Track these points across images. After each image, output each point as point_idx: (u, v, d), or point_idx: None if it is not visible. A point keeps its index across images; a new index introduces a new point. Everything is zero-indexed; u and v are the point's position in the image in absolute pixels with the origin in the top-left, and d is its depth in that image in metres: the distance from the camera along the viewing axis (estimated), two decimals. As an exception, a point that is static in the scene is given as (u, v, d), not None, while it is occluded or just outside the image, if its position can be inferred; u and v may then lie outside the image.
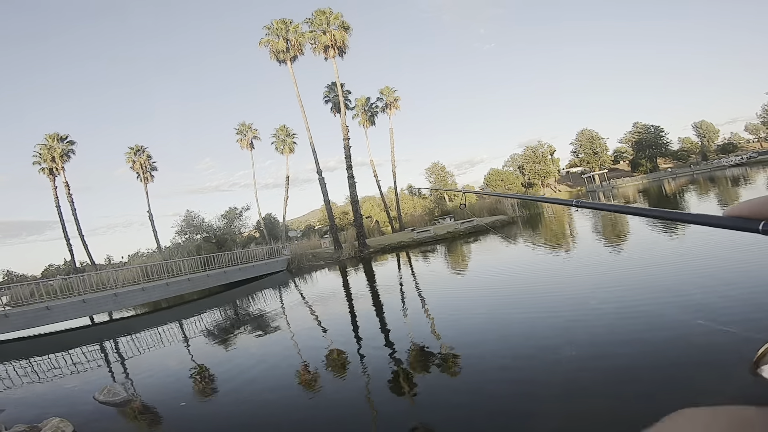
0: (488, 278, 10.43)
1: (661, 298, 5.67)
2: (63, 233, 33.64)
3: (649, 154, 67.19)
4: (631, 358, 4.06)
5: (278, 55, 26.87)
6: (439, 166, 63.44)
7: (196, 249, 25.27)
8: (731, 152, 64.82)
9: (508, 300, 7.51)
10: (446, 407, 3.86)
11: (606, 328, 5.02)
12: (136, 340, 10.62)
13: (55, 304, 14.09)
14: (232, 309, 13.61)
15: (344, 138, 26.67)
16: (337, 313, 9.65)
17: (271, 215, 47.83)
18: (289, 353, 6.80)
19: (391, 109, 38.15)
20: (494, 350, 5.09)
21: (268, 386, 5.22)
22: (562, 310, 6.14)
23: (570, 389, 3.73)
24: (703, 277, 6.36)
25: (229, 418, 4.45)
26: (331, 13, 25.82)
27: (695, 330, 4.39)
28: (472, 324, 6.44)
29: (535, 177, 69.44)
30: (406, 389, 4.45)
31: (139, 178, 36.67)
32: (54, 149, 32.38)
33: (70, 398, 6.26)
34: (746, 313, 4.59)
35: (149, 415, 5.06)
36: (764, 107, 65.15)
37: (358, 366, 5.56)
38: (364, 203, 45.31)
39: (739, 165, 51.62)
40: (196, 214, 28.08)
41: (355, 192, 27.01)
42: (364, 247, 25.30)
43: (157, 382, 6.43)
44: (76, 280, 16.40)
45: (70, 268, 35.52)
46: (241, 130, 39.09)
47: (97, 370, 7.87)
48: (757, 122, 67.45)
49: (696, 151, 69.29)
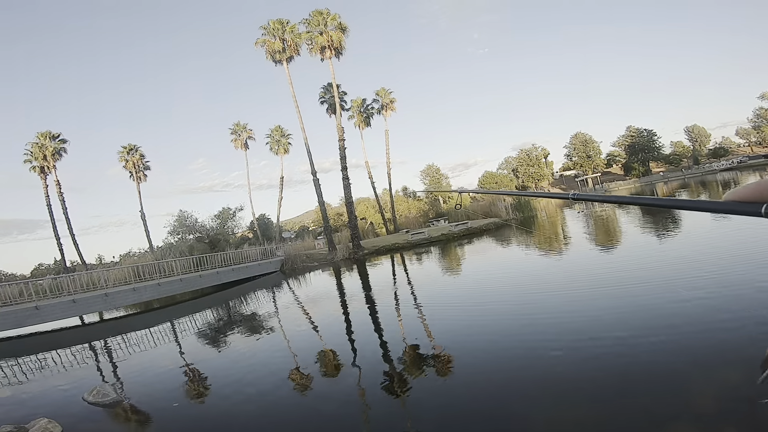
0: (480, 280, 10.44)
1: (661, 298, 5.72)
2: (54, 232, 33.31)
3: (642, 157, 67.84)
4: (634, 357, 4.08)
5: (274, 56, 26.79)
6: (434, 168, 63.65)
7: (188, 249, 25.10)
8: (722, 156, 65.64)
9: (501, 301, 7.52)
10: (438, 408, 3.85)
11: (605, 329, 5.04)
12: (126, 340, 10.50)
13: (44, 303, 13.90)
14: (224, 310, 13.51)
15: (339, 139, 26.64)
16: (330, 314, 9.62)
17: (265, 216, 47.63)
18: (281, 354, 6.76)
19: (386, 111, 38.19)
20: (486, 351, 5.10)
21: (261, 387, 5.18)
22: (558, 310, 6.16)
23: (564, 389, 3.74)
24: (705, 276, 6.41)
25: (223, 418, 4.41)
26: (329, 14, 25.81)
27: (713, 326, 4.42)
28: (464, 325, 6.45)
29: (529, 180, 69.82)
30: (398, 390, 4.44)
31: (132, 177, 36.38)
32: (46, 147, 32.03)
33: (58, 399, 6.17)
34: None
35: (140, 416, 5.00)
36: (755, 112, 66.12)
37: (350, 367, 5.53)
38: (359, 205, 45.23)
39: (730, 169, 52.31)
40: (189, 214, 27.91)
41: (349, 193, 26.97)
42: (358, 249, 25.26)
43: (148, 383, 6.36)
44: (66, 279, 16.21)
45: (60, 268, 35.10)
46: (236, 130, 38.92)
47: (87, 371, 7.77)
48: (748, 127, 68.38)
49: (688, 155, 70.07)
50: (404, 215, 46.42)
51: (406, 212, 48.08)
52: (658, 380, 3.55)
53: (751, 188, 0.52)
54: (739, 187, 0.54)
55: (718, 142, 71.61)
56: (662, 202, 0.73)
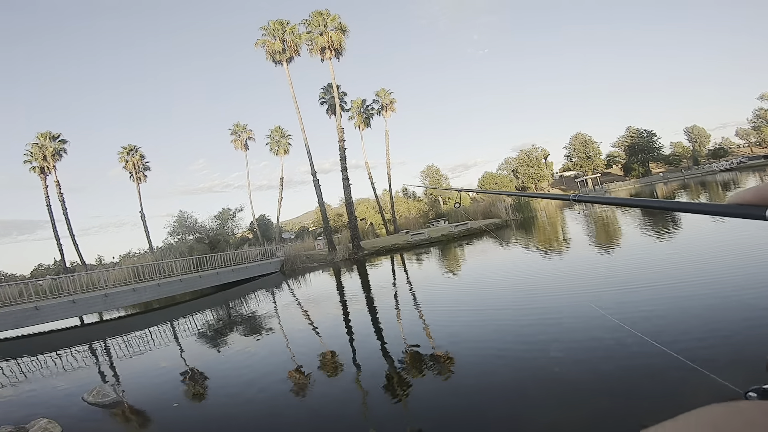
0: (480, 281, 10.44)
1: (656, 295, 5.72)
2: (53, 233, 33.30)
3: (642, 158, 67.92)
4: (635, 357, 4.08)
5: (274, 56, 26.82)
6: (434, 168, 63.74)
7: (188, 250, 25.11)
8: (722, 157, 65.71)
9: (500, 301, 7.53)
10: (439, 409, 3.85)
11: (606, 329, 5.04)
12: (126, 341, 10.50)
13: (44, 304, 13.90)
14: (224, 310, 13.51)
15: (339, 140, 26.65)
16: (330, 315, 9.61)
17: (265, 216, 47.70)
18: (281, 354, 6.76)
19: (386, 112, 38.23)
20: (485, 351, 5.09)
21: (261, 387, 5.18)
22: (558, 311, 6.16)
23: (564, 390, 3.74)
24: (706, 273, 6.42)
25: (224, 418, 4.41)
26: (329, 15, 25.83)
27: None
28: (465, 326, 6.45)
29: (529, 180, 69.87)
30: (398, 391, 4.44)
31: (132, 177, 36.39)
32: (46, 148, 32.05)
33: (58, 399, 6.17)
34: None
35: (140, 417, 4.99)
36: (755, 112, 66.16)
37: (351, 367, 5.53)
38: (359, 205, 45.29)
39: (729, 170, 52.35)
40: (189, 215, 27.94)
41: (349, 194, 26.97)
42: (358, 249, 25.26)
43: (148, 384, 6.36)
44: (65, 280, 16.21)
45: (60, 268, 35.08)
46: (236, 130, 38.95)
47: (86, 371, 7.76)
48: (748, 127, 68.44)
49: (687, 155, 70.13)
50: (404, 216, 46.48)
51: (406, 213, 48.14)
52: (659, 381, 3.54)
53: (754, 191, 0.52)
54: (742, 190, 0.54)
55: (718, 142, 71.74)
56: (665, 205, 0.72)
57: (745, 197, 0.52)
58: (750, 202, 0.52)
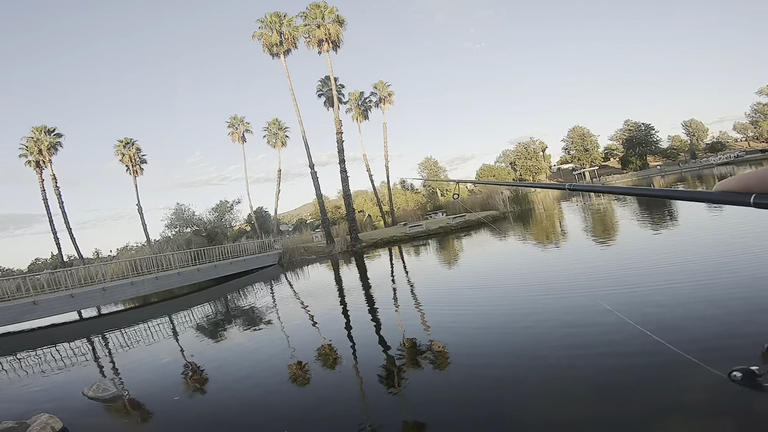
0: (478, 273, 10.49)
1: (653, 293, 5.76)
2: (50, 227, 33.21)
3: (639, 151, 67.96)
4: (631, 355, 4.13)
5: (271, 49, 26.60)
6: (432, 161, 63.68)
7: (186, 243, 25.10)
8: (719, 151, 65.72)
9: (498, 294, 7.58)
10: (436, 402, 3.89)
11: (604, 324, 5.09)
12: (125, 334, 10.52)
13: (42, 298, 13.89)
14: (222, 303, 13.55)
15: (337, 132, 26.55)
16: (329, 307, 9.65)
17: (263, 209, 47.62)
18: (280, 347, 6.79)
19: (384, 104, 38.07)
20: (483, 345, 5.14)
21: (260, 379, 5.22)
22: (554, 304, 6.20)
23: (560, 385, 3.79)
24: (707, 272, 6.46)
25: (224, 411, 4.45)
26: (326, 7, 25.58)
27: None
28: (462, 319, 6.48)
29: (527, 173, 69.86)
30: (396, 384, 4.48)
31: (129, 171, 36.22)
32: (41, 142, 31.80)
33: (58, 394, 6.20)
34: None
35: (140, 410, 5.03)
36: (753, 107, 66.09)
37: (349, 360, 5.57)
38: (357, 197, 45.22)
39: (726, 164, 52.48)
40: (187, 208, 27.88)
41: (347, 186, 26.93)
42: (356, 242, 25.30)
43: (148, 377, 6.39)
44: (63, 274, 16.19)
45: (57, 262, 35.00)
46: (233, 123, 38.74)
47: (86, 366, 7.80)
48: (746, 122, 68.39)
49: (685, 149, 70.16)
50: (402, 208, 46.51)
51: (404, 205, 48.15)
52: (658, 377, 3.58)
53: (740, 179, 0.54)
54: (729, 178, 0.56)
55: (716, 136, 71.64)
56: (656, 193, 0.76)
57: (732, 185, 0.54)
58: (736, 189, 0.54)
